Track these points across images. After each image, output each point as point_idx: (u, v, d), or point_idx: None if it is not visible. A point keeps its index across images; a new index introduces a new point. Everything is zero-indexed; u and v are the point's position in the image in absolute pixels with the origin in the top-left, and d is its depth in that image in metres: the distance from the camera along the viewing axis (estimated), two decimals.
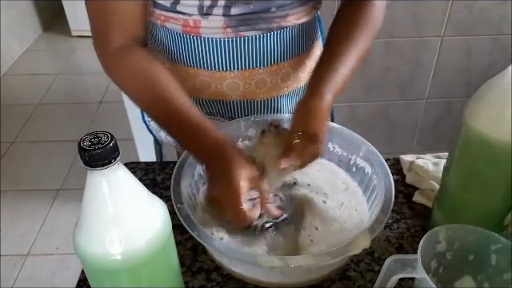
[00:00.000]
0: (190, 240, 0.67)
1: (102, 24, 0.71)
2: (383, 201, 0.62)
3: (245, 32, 0.74)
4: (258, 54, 0.77)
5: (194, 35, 0.75)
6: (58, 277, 1.71)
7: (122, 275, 0.47)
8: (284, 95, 0.85)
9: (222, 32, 0.74)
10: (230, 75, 0.79)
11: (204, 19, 0.73)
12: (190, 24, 0.74)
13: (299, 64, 0.83)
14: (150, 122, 0.92)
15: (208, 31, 0.74)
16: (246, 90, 0.81)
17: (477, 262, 0.54)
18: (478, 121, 0.55)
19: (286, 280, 0.61)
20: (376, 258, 0.66)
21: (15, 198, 2.05)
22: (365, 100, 1.75)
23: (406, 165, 0.79)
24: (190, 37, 0.75)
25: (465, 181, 0.60)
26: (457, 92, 1.76)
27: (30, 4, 3.25)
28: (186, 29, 0.75)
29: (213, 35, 0.74)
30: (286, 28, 0.77)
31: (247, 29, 0.74)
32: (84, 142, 0.42)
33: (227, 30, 0.74)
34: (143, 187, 0.48)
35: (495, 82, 0.55)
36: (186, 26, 0.74)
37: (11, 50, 3.01)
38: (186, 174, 0.67)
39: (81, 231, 0.46)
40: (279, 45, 0.78)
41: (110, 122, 2.40)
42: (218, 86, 0.80)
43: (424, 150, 1.17)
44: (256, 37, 0.75)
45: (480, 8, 1.56)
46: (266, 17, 0.74)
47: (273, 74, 0.80)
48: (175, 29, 0.75)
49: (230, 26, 0.73)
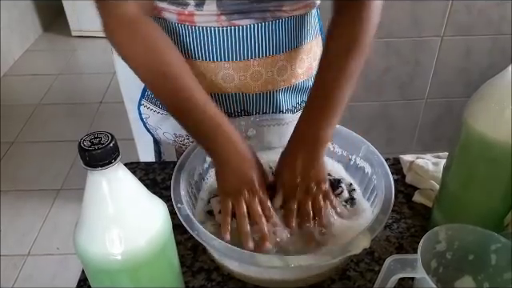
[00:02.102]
0: (190, 240, 0.67)
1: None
2: (383, 201, 0.62)
3: (239, 21, 0.74)
4: (253, 44, 0.77)
5: (188, 24, 0.75)
6: (58, 277, 1.71)
7: (122, 275, 0.47)
8: (280, 90, 0.84)
9: (215, 20, 0.74)
10: (224, 65, 0.78)
11: (198, 11, 0.73)
12: (184, 13, 0.74)
13: (295, 58, 0.83)
14: (147, 118, 0.91)
15: (202, 19, 0.74)
16: (242, 82, 0.81)
17: (477, 262, 0.54)
18: (478, 121, 0.55)
19: (285, 279, 0.61)
20: (376, 258, 0.66)
21: (15, 197, 2.05)
22: (364, 100, 1.75)
23: (406, 165, 0.79)
24: (184, 27, 0.75)
25: (465, 181, 0.60)
26: (456, 92, 1.76)
27: (31, 4, 3.25)
28: (181, 17, 0.74)
29: (207, 24, 0.74)
30: (281, 19, 0.77)
31: (241, 17, 0.74)
32: (84, 142, 0.42)
33: (221, 18, 0.73)
34: (143, 187, 0.48)
35: (495, 82, 0.55)
36: (180, 15, 0.74)
37: (11, 50, 3.01)
38: (186, 173, 0.67)
39: (81, 231, 0.46)
40: (274, 35, 0.77)
41: (110, 122, 2.40)
42: (212, 78, 0.80)
43: (424, 150, 1.17)
44: (250, 26, 0.75)
45: (480, 8, 1.55)
46: (260, 6, 0.74)
47: (268, 66, 0.80)
48: (170, 18, 0.75)
49: (223, 14, 0.73)
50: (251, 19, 0.75)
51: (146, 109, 0.89)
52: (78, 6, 3.08)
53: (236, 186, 0.64)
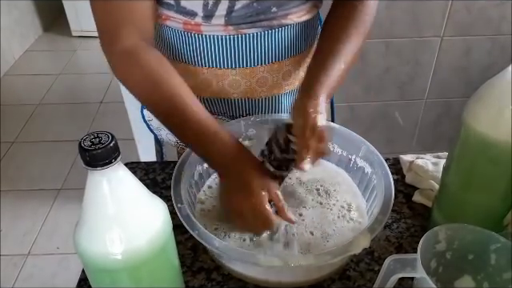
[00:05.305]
0: (190, 240, 0.68)
1: (112, 21, 0.68)
2: (383, 201, 0.62)
3: (246, 29, 0.74)
4: (259, 52, 0.77)
5: (195, 33, 0.75)
6: (58, 276, 1.71)
7: (122, 275, 0.47)
8: (285, 94, 0.85)
9: (223, 30, 0.74)
10: (231, 73, 0.79)
11: (206, 23, 0.73)
12: (190, 22, 0.74)
13: (300, 62, 0.83)
14: (150, 121, 0.92)
15: (209, 29, 0.74)
16: (247, 88, 0.81)
17: (476, 262, 0.54)
18: (478, 121, 0.55)
19: (285, 279, 0.61)
20: (376, 258, 0.66)
21: (16, 197, 2.05)
22: (364, 100, 1.75)
23: (406, 165, 0.79)
24: (191, 34, 0.75)
25: (464, 180, 0.60)
26: (456, 92, 1.76)
27: (31, 4, 3.25)
28: (187, 27, 0.75)
29: (214, 33, 0.74)
30: (288, 26, 0.77)
31: (248, 26, 0.74)
32: (85, 141, 0.42)
33: (228, 28, 0.74)
34: (143, 187, 0.48)
35: (495, 81, 0.55)
36: (187, 24, 0.74)
37: (12, 50, 3.01)
38: (186, 173, 0.67)
39: (81, 231, 0.46)
40: (280, 43, 0.78)
41: (111, 122, 2.40)
42: (219, 84, 0.80)
43: (424, 150, 1.17)
44: (257, 34, 0.75)
45: (479, 8, 1.56)
46: (267, 15, 0.74)
47: (274, 72, 0.80)
48: (176, 27, 0.76)
49: (231, 24, 0.74)
50: (258, 28, 0.75)
51: (148, 112, 0.90)
52: (79, 6, 3.08)
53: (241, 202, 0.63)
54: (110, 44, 0.69)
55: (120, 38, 0.67)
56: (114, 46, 0.68)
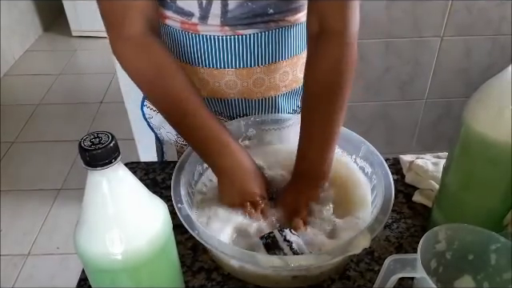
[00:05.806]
0: (190, 240, 0.68)
1: (118, 7, 0.67)
2: (383, 201, 0.62)
3: (242, 30, 0.75)
4: (256, 53, 0.77)
5: (192, 32, 0.75)
6: (58, 276, 1.71)
7: (122, 275, 0.47)
8: (282, 94, 0.85)
9: (219, 30, 0.74)
10: (227, 73, 0.79)
11: (202, 23, 0.73)
12: (188, 22, 0.74)
13: (297, 64, 0.83)
14: (150, 118, 0.92)
15: (206, 29, 0.74)
16: (244, 89, 0.81)
17: (476, 262, 0.54)
18: (478, 121, 0.55)
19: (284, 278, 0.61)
20: (376, 258, 0.66)
21: (16, 197, 2.05)
22: (364, 100, 1.75)
23: (406, 165, 0.79)
24: (188, 34, 0.75)
25: (464, 181, 0.61)
26: (456, 92, 1.76)
27: (31, 4, 3.25)
28: (185, 26, 0.75)
29: (211, 33, 0.75)
30: (284, 27, 0.77)
31: (245, 27, 0.74)
32: (84, 141, 0.42)
33: (225, 29, 0.74)
34: (143, 187, 0.48)
35: (495, 82, 0.55)
36: (184, 24, 0.75)
37: (12, 50, 3.01)
38: (186, 173, 0.67)
39: (81, 231, 0.46)
40: (277, 44, 0.78)
41: (111, 122, 2.41)
42: (216, 84, 0.80)
43: (423, 150, 1.17)
44: (254, 35, 0.75)
45: (479, 8, 1.56)
46: (264, 16, 0.74)
47: (270, 72, 0.80)
48: (174, 26, 0.76)
49: (227, 25, 0.74)
50: (255, 29, 0.75)
51: (149, 109, 0.90)
52: (79, 6, 3.08)
53: (238, 200, 0.66)
54: (116, 30, 0.68)
55: (126, 25, 0.67)
56: (120, 32, 0.67)
